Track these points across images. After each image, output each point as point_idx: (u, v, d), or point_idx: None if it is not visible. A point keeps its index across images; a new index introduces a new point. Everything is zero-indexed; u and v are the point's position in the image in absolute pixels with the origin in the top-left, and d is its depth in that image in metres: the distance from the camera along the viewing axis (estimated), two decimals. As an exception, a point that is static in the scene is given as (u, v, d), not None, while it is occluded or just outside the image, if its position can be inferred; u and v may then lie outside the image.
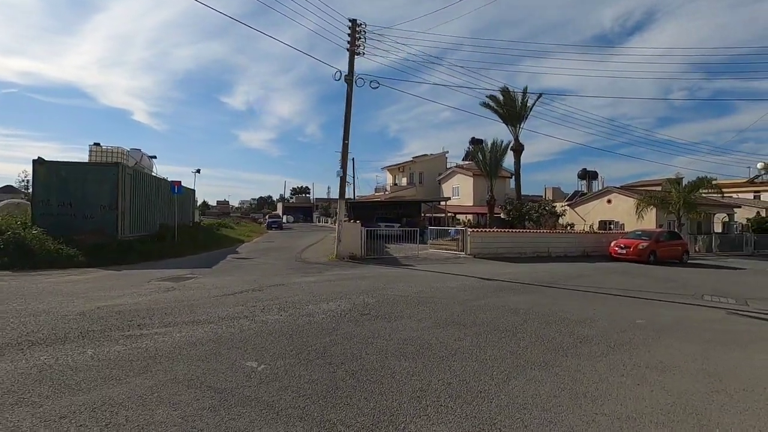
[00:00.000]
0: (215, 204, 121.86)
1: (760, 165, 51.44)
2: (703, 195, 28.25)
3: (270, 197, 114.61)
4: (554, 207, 28.01)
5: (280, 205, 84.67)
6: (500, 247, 18.20)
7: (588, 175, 40.37)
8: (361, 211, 29.82)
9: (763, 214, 36.60)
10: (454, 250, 17.87)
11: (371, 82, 14.44)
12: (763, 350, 5.72)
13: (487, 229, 21.77)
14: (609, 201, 32.36)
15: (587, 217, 33.32)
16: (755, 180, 51.11)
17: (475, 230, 18.56)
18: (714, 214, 34.54)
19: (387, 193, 48.74)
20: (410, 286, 9.51)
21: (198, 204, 50.95)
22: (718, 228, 36.24)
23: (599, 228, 30.95)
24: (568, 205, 35.03)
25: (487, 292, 9.18)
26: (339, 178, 14.29)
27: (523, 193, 33.82)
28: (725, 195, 31.89)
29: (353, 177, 44.95)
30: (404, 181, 48.76)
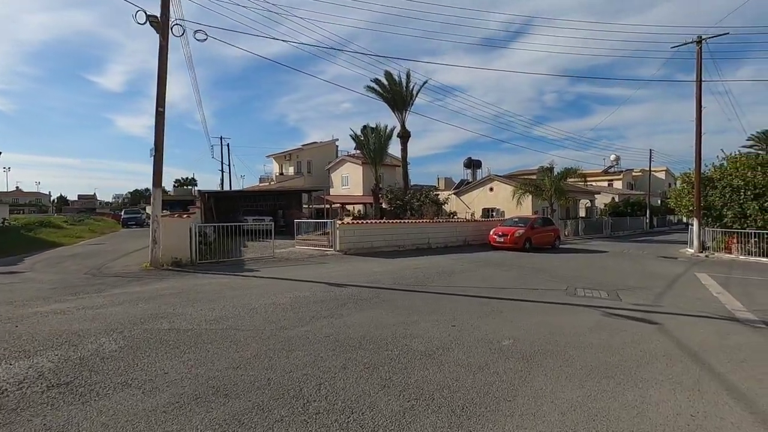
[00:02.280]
0: (76, 198, 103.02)
1: (612, 157, 58.89)
2: (571, 183, 30.05)
3: (147, 190, 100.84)
4: (436, 195, 27.17)
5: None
6: (376, 241, 16.17)
7: (473, 164, 41.25)
8: (227, 203, 25.67)
9: (617, 199, 40.92)
10: (323, 247, 15.35)
11: (196, 32, 10.98)
12: (656, 381, 4.11)
13: (361, 221, 19.72)
14: (491, 189, 32.94)
15: (472, 205, 33.60)
16: (609, 170, 58.46)
17: (346, 222, 16.26)
18: (579, 200, 37.52)
19: (273, 183, 44.62)
20: (215, 308, 6.62)
21: (53, 199, 40.82)
22: (582, 213, 39.66)
23: (482, 215, 31.27)
24: (454, 193, 35.03)
25: (325, 308, 6.73)
26: (152, 159, 10.62)
27: (418, 183, 32.81)
28: (587, 183, 34.77)
29: (229, 165, 39.92)
30: (291, 170, 45.05)
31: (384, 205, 25.71)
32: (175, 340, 4.97)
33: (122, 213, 41.56)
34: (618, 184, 53.18)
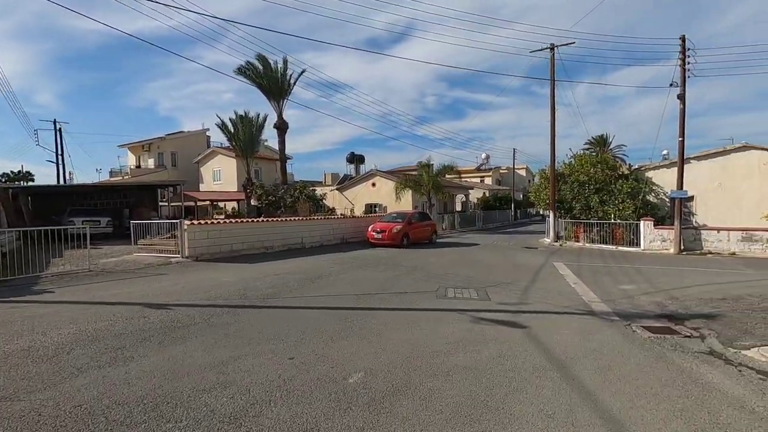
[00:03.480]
0: None
1: (483, 155, 64.23)
2: (448, 179, 31.27)
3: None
4: (313, 190, 25.66)
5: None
6: (237, 243, 14.01)
7: (356, 159, 40.65)
8: (52, 202, 20.40)
9: (487, 194, 44.29)
10: (169, 252, 12.68)
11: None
12: (527, 417, 3.25)
13: (218, 221, 17.31)
14: (374, 184, 32.59)
15: (355, 200, 32.85)
16: (481, 167, 63.76)
17: (198, 222, 13.76)
18: (456, 195, 39.57)
19: (128, 177, 38.10)
20: None
21: None
22: (459, 207, 42.03)
23: (365, 211, 30.69)
24: (336, 189, 33.91)
25: (111, 349, 4.75)
26: None
27: (305, 179, 30.58)
28: (463, 179, 36.95)
29: (61, 153, 32.71)
30: (152, 162, 39.02)
31: (253, 202, 23.22)
32: None
33: None
34: (488, 181, 58.08)
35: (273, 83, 26.75)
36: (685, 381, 4.06)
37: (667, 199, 18.17)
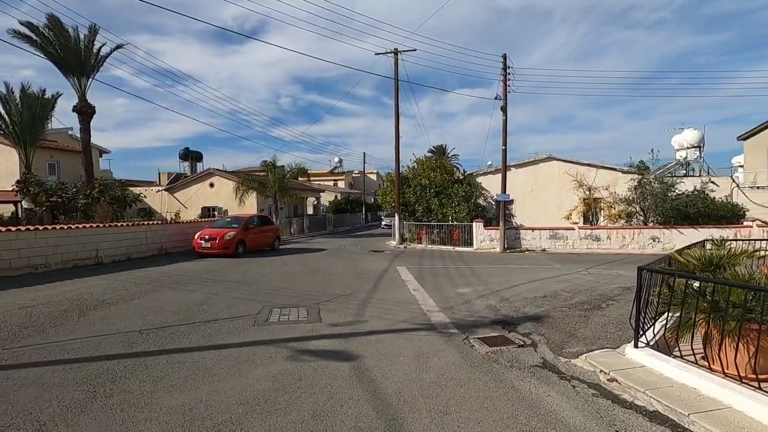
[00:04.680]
0: None
1: (336, 159, 64.44)
2: (301, 181, 29.57)
3: None
4: (125, 190, 21.02)
5: None
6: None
7: (191, 156, 35.53)
8: None
9: (339, 197, 44.06)
10: None
11: None
12: None
13: None
14: (212, 185, 28.78)
15: (190, 203, 28.52)
16: (334, 171, 63.87)
17: None
18: (307, 198, 38.13)
19: None
20: None
21: None
22: (310, 210, 40.68)
23: (202, 215, 26.80)
24: (165, 189, 28.95)
25: None
26: None
27: (134, 178, 24.64)
28: (314, 181, 35.76)
29: None
30: None
31: (26, 204, 17.61)
32: None
33: None
34: (341, 184, 58.39)
35: (71, 55, 21.00)
36: (528, 415, 3.39)
37: (494, 202, 20.05)
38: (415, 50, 20.02)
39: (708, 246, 9.40)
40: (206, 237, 14.69)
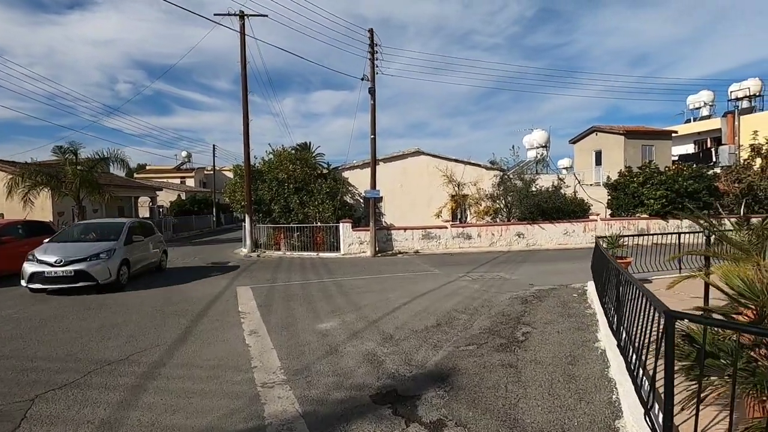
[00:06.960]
0: None
1: (183, 153, 55.96)
2: (137, 178, 22.93)
3: None
4: None
5: None
6: None
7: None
8: None
9: (183, 197, 37.16)
10: None
11: None
12: None
13: None
14: (-25, 179, 20.25)
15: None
16: (181, 167, 55.05)
17: None
18: (138, 197, 30.78)
19: None
20: None
21: None
22: (146, 213, 33.14)
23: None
24: None
25: None
26: None
27: None
28: (157, 179, 28.84)
29: None
30: None
31: None
32: None
33: None
34: (191, 182, 50.33)
35: None
36: None
37: (362, 200, 17.81)
38: (266, 16, 16.47)
39: (602, 243, 8.50)
40: None
